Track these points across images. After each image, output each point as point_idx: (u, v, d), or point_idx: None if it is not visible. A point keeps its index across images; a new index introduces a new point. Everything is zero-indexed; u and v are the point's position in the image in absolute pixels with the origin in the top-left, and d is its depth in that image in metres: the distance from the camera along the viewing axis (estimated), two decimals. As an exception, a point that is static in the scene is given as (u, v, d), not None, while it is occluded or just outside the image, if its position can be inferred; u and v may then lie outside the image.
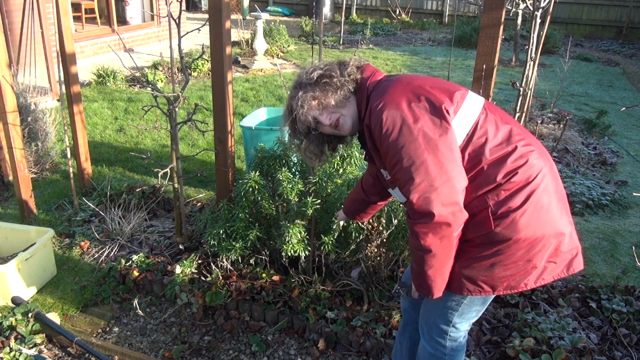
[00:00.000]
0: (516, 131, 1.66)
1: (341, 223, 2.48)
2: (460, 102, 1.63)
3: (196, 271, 2.96)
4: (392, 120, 1.59)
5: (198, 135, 5.24)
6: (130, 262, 3.08)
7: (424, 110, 1.59)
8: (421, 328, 1.96)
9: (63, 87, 3.63)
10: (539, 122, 5.72)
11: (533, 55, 2.23)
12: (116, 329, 2.77)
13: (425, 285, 1.69)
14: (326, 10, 13.63)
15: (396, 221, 2.62)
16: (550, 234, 1.61)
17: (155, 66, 7.68)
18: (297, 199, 2.68)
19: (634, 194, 4.38)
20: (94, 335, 2.71)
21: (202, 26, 2.95)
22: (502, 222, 1.58)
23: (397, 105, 1.60)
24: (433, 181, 1.52)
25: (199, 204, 3.85)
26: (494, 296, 1.79)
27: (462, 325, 1.86)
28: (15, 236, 3.14)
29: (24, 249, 2.96)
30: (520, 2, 5.84)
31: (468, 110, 1.64)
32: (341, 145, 1.98)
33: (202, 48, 3.14)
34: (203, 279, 2.90)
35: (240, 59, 8.75)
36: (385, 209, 2.65)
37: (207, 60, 7.69)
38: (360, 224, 2.64)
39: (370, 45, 10.71)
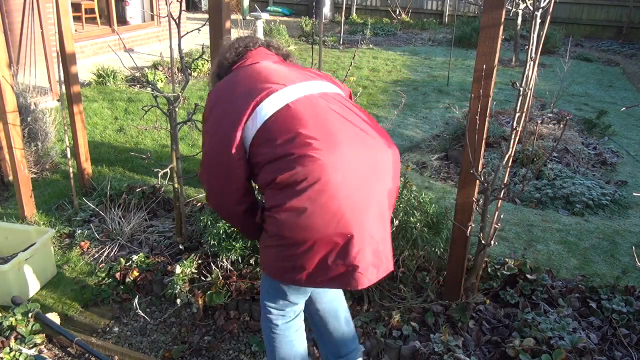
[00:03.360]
0: (308, 134, 1.67)
1: None
2: (263, 98, 1.75)
3: (196, 271, 2.96)
4: (205, 107, 1.90)
5: (198, 135, 5.24)
6: (130, 262, 3.08)
7: (221, 110, 1.80)
8: None
9: (63, 87, 3.63)
10: (539, 122, 5.72)
11: (533, 55, 2.22)
12: (116, 329, 2.77)
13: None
14: (326, 10, 13.63)
15: (396, 222, 2.62)
16: (307, 242, 1.67)
17: (155, 66, 7.68)
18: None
19: (634, 194, 4.38)
20: (94, 335, 2.71)
21: (202, 26, 2.95)
22: (269, 218, 1.73)
23: (209, 95, 1.89)
24: (209, 177, 1.81)
25: (199, 204, 3.85)
26: (301, 287, 1.89)
27: (271, 305, 2.00)
28: (15, 236, 3.14)
29: (24, 249, 2.95)
30: (520, 2, 5.84)
31: (266, 109, 1.74)
32: None
33: (202, 48, 3.14)
34: (203, 279, 2.90)
35: (240, 59, 8.73)
36: (385, 209, 2.65)
37: (207, 60, 7.69)
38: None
39: (370, 45, 10.71)
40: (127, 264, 3.07)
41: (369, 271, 1.73)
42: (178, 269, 2.91)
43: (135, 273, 2.98)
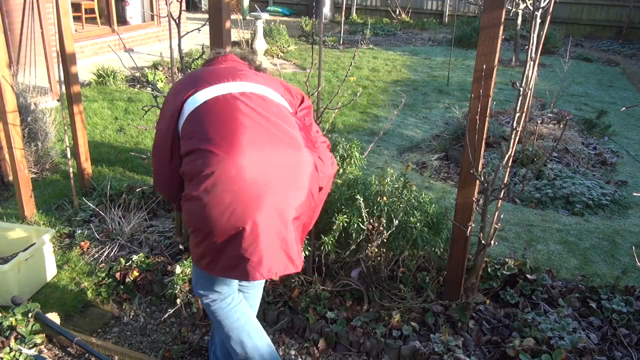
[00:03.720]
0: (212, 129, 1.78)
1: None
2: (189, 95, 1.87)
3: (196, 271, 2.96)
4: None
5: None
6: (130, 262, 3.08)
7: (166, 107, 1.96)
8: None
9: (63, 87, 3.63)
10: (539, 122, 5.72)
11: (533, 55, 2.22)
12: (116, 329, 2.77)
13: None
14: (326, 10, 13.63)
15: (396, 221, 2.62)
16: (204, 231, 1.77)
17: (155, 66, 7.68)
18: (297, 199, 2.67)
19: (634, 194, 4.38)
20: (94, 335, 2.71)
21: (202, 26, 2.95)
22: (182, 207, 1.83)
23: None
24: (155, 169, 2.02)
25: (199, 204, 3.85)
26: (223, 277, 1.95)
27: (204, 292, 2.11)
28: (15, 236, 3.14)
29: (24, 249, 2.96)
30: (520, 2, 5.84)
31: (190, 105, 1.86)
32: None
33: (202, 48, 3.14)
34: (203, 279, 2.90)
35: (240, 59, 8.73)
36: (386, 209, 2.65)
37: (207, 60, 7.67)
38: (360, 224, 2.64)
39: (371, 45, 10.71)
40: (127, 264, 3.07)
41: (263, 266, 1.79)
42: (178, 269, 2.91)
43: (135, 273, 2.98)
